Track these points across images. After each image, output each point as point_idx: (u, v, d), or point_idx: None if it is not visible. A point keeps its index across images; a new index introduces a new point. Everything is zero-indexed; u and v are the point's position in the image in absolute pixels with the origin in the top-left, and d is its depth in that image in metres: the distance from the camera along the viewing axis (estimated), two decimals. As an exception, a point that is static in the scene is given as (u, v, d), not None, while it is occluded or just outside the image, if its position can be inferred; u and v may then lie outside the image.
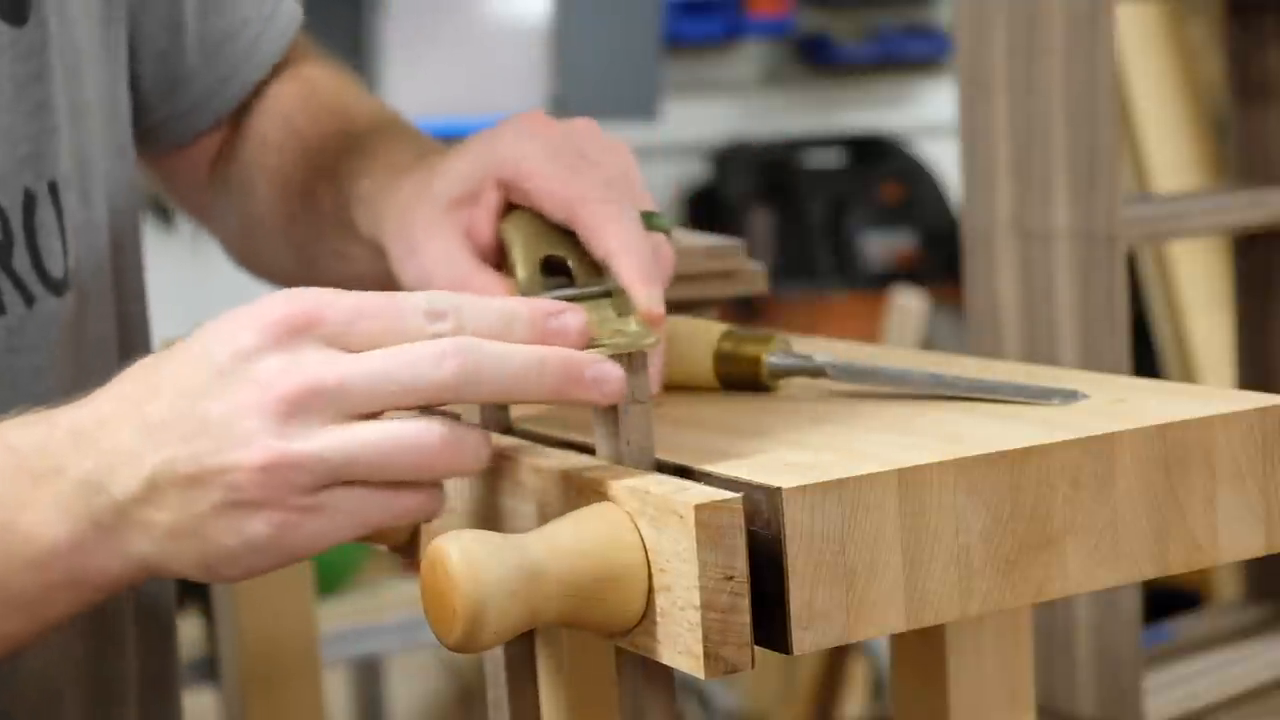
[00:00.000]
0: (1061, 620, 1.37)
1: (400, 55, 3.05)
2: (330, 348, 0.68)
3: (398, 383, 0.67)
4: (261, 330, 0.67)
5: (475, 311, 0.69)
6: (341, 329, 0.68)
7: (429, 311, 0.69)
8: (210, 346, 0.68)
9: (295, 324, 0.67)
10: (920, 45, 4.00)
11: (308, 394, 0.66)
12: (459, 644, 0.66)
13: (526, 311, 0.70)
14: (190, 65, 1.06)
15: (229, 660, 1.30)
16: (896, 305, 2.70)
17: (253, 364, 0.67)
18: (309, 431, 0.67)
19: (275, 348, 0.67)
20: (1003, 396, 0.79)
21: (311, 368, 0.67)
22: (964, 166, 1.41)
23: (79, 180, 0.95)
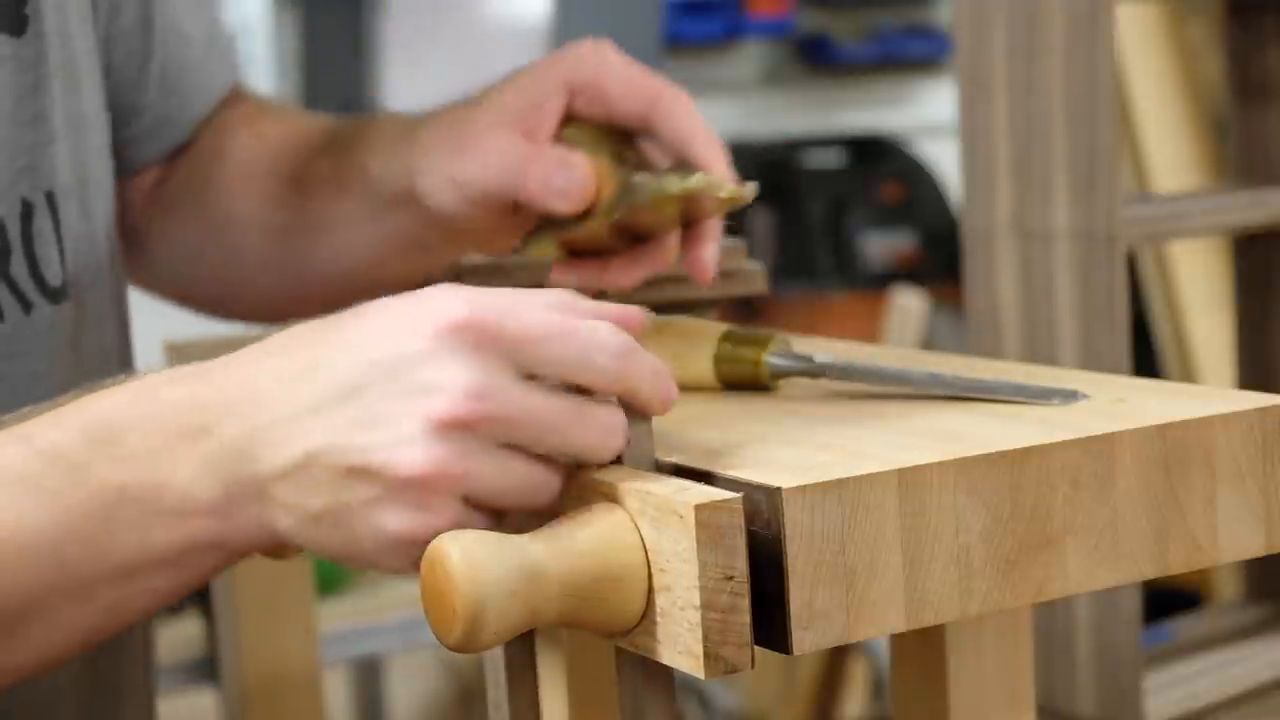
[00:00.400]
0: (1061, 620, 1.37)
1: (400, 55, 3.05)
2: (511, 366, 0.67)
3: (563, 439, 0.68)
4: (435, 334, 0.67)
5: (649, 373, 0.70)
6: (525, 350, 0.67)
7: (623, 353, 0.69)
8: (380, 341, 0.67)
9: (474, 334, 0.67)
10: (920, 45, 4.00)
11: (482, 418, 0.66)
12: (459, 644, 0.66)
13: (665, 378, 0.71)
14: (149, 95, 1.06)
15: (229, 660, 1.30)
16: (896, 305, 2.70)
17: (427, 369, 0.66)
18: (472, 450, 0.67)
19: (453, 356, 0.66)
20: (1003, 396, 0.79)
21: (490, 392, 0.66)
22: (964, 166, 1.41)
23: (79, 192, 0.95)
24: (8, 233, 0.90)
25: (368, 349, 0.68)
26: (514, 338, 0.67)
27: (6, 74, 0.91)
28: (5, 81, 0.90)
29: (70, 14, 0.96)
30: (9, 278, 0.90)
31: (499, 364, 0.67)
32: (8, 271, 0.90)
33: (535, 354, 0.67)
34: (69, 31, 0.95)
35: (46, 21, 0.93)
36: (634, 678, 0.72)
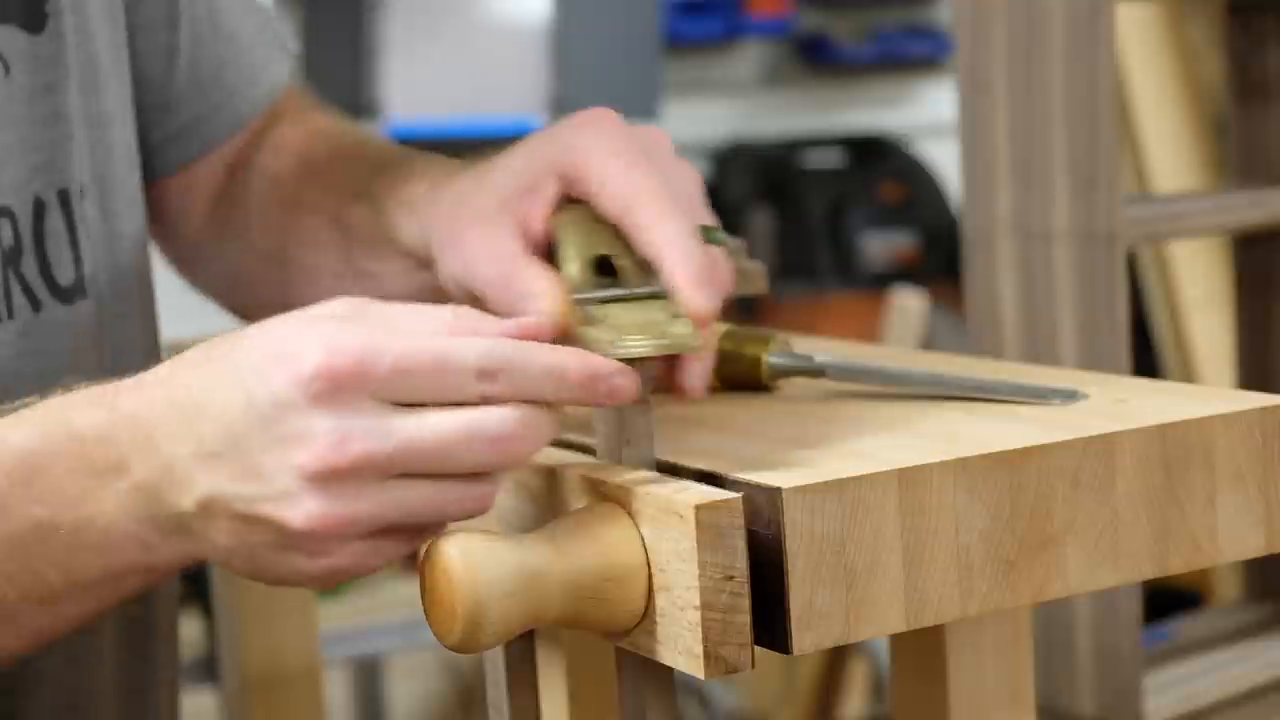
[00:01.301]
0: (1061, 620, 1.37)
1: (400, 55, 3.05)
2: (379, 405, 0.67)
3: (445, 459, 0.68)
4: (304, 386, 0.67)
5: (524, 372, 0.69)
6: (388, 385, 0.67)
7: (480, 371, 0.68)
8: (252, 387, 0.68)
9: (340, 381, 0.67)
10: (920, 45, 3.99)
11: (355, 464, 0.67)
12: (459, 644, 0.66)
13: (576, 370, 0.70)
14: (178, 91, 1.04)
15: (229, 660, 1.30)
16: (896, 305, 2.70)
17: (298, 419, 0.67)
18: (358, 493, 0.67)
19: (320, 407, 0.67)
20: (1003, 396, 0.79)
21: (360, 438, 0.67)
22: (964, 166, 1.41)
23: (98, 192, 0.95)
24: (19, 230, 0.89)
25: (245, 390, 0.68)
26: (377, 376, 0.67)
27: (23, 71, 0.90)
28: (22, 79, 0.90)
29: (91, 12, 0.95)
30: (20, 275, 0.90)
31: (365, 403, 0.67)
32: (19, 269, 0.90)
33: (400, 386, 0.67)
34: (89, 30, 0.95)
35: (65, 20, 0.92)
36: (634, 678, 0.72)
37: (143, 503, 0.70)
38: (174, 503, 0.70)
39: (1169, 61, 2.80)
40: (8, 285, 0.89)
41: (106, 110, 0.96)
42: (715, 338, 0.78)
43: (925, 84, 4.05)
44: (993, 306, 1.40)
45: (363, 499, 0.67)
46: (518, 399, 0.69)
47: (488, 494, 0.70)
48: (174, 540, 0.71)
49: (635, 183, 0.80)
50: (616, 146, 0.82)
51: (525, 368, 0.69)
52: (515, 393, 0.69)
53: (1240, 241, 1.55)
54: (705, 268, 0.77)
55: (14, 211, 0.89)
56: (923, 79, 4.06)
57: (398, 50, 3.06)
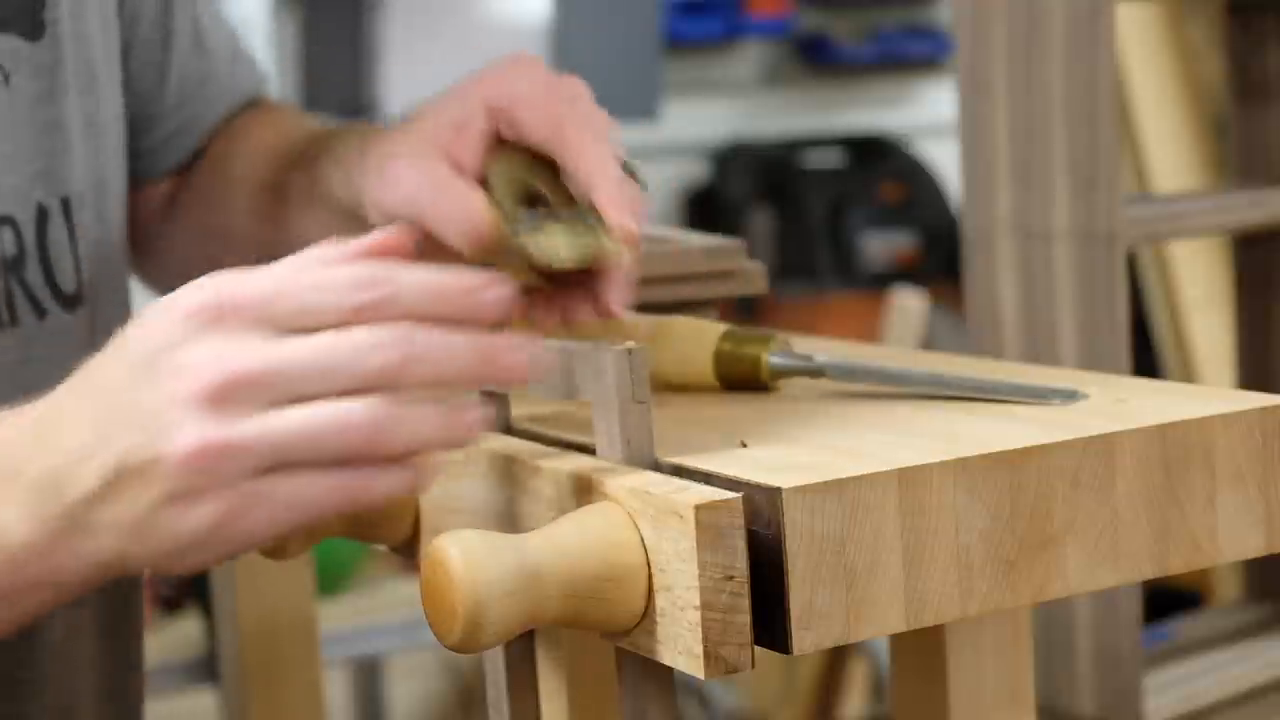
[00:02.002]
0: (1061, 620, 1.37)
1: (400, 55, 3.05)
2: (257, 330, 0.67)
3: (324, 371, 0.66)
4: (178, 321, 0.67)
5: (406, 284, 0.68)
6: (262, 310, 0.67)
7: (356, 283, 0.67)
8: (131, 341, 0.68)
9: (212, 311, 0.67)
10: (920, 45, 4.00)
11: (235, 382, 0.65)
12: (459, 644, 0.66)
13: (456, 285, 0.69)
14: (166, 106, 1.06)
15: (229, 659, 1.30)
16: (896, 305, 2.70)
17: (176, 354, 0.66)
18: (239, 418, 0.65)
19: (197, 336, 0.66)
20: (1003, 396, 0.79)
21: (236, 356, 0.66)
22: (964, 166, 1.41)
23: (95, 198, 0.95)
24: (23, 238, 0.90)
25: (124, 352, 0.68)
26: (249, 303, 0.67)
27: (23, 79, 0.90)
28: (22, 86, 0.90)
29: (88, 18, 0.95)
30: (24, 283, 0.90)
31: (245, 330, 0.66)
32: (23, 277, 0.90)
33: (274, 311, 0.67)
34: (87, 36, 0.95)
35: (63, 26, 0.93)
36: (634, 678, 0.72)
37: (36, 501, 0.69)
38: (70, 491, 0.68)
39: (1169, 61, 2.80)
40: (10, 293, 0.89)
41: (102, 117, 0.96)
42: (638, 256, 0.81)
43: (925, 84, 4.06)
44: (993, 306, 1.40)
45: (241, 424, 0.65)
46: (399, 316, 0.67)
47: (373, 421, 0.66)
48: (70, 542, 0.69)
49: (561, 113, 0.83)
50: (543, 85, 0.85)
51: (403, 281, 0.68)
52: (393, 304, 0.67)
53: (1240, 241, 1.55)
54: (631, 194, 0.80)
55: (16, 219, 0.89)
56: (923, 79, 4.06)
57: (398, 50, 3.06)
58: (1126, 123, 2.72)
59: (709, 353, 0.87)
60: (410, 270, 0.68)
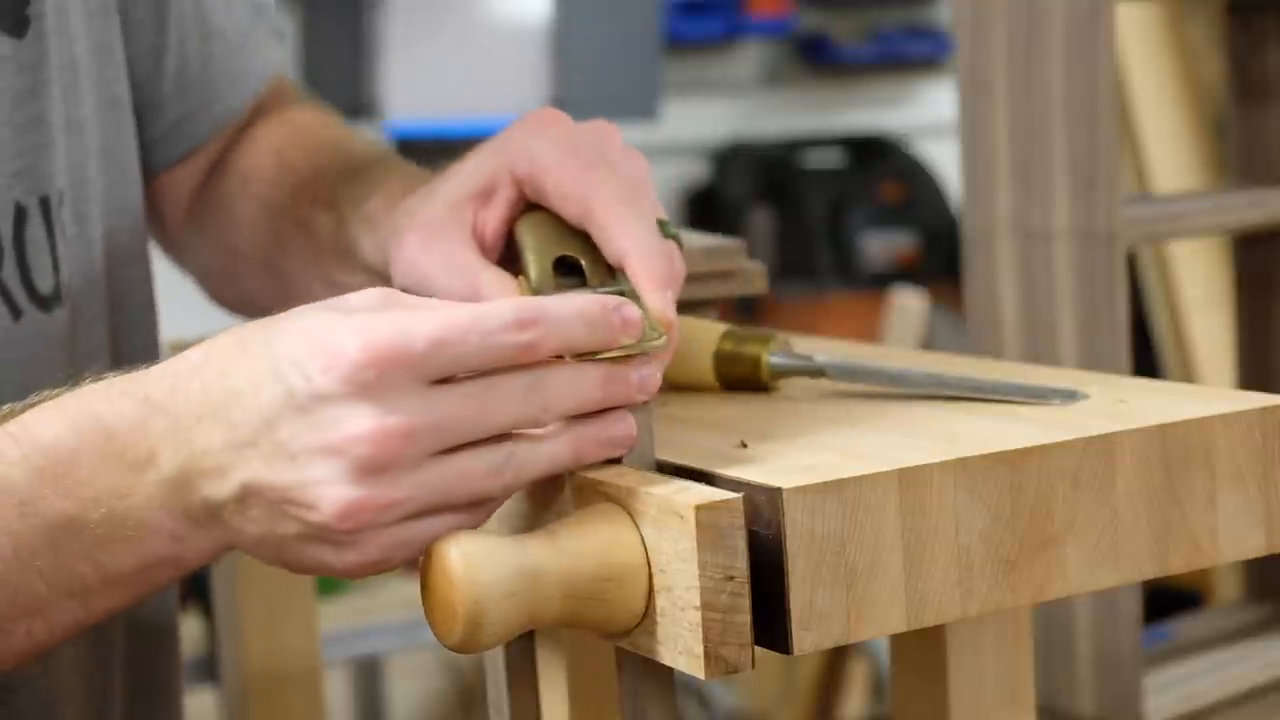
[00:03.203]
0: (1061, 620, 1.37)
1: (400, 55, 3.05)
2: (415, 384, 0.67)
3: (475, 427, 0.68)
4: (340, 379, 0.67)
5: (558, 316, 0.69)
6: (425, 364, 0.67)
7: (518, 322, 0.68)
8: (291, 380, 0.68)
9: (375, 370, 0.67)
10: (920, 45, 4.00)
11: (389, 446, 0.67)
12: (459, 644, 0.66)
13: (598, 311, 0.70)
14: (165, 92, 1.05)
15: (229, 660, 1.30)
16: (896, 305, 2.70)
17: (334, 409, 0.67)
18: (392, 478, 0.67)
19: (357, 396, 0.67)
20: (1003, 396, 0.79)
21: (393, 421, 0.67)
22: (964, 166, 1.41)
23: (74, 197, 0.94)
24: (0, 237, 0.89)
25: (284, 383, 0.68)
26: (412, 360, 0.67)
27: (6, 76, 0.89)
28: (5, 84, 0.89)
29: (71, 13, 0.94)
30: (0, 283, 0.89)
31: (403, 388, 0.67)
32: None
33: (439, 361, 0.68)
34: (70, 32, 0.94)
35: (48, 22, 0.92)
36: (634, 678, 0.72)
37: (173, 494, 0.70)
38: (206, 493, 0.69)
39: (1169, 61, 2.80)
40: None
41: (84, 115, 0.95)
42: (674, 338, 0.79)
43: (925, 84, 4.06)
44: (993, 306, 1.40)
45: (397, 485, 0.67)
46: (555, 348, 0.69)
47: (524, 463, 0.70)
48: (204, 531, 0.71)
49: (591, 184, 0.82)
50: (570, 148, 0.83)
51: (557, 314, 0.69)
52: (551, 337, 0.69)
53: (1240, 241, 1.55)
54: (666, 268, 0.79)
55: None
56: (923, 79, 4.06)
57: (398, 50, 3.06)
58: (1126, 123, 2.72)
59: (709, 353, 0.87)
60: (562, 302, 0.70)
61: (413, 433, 0.67)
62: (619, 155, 0.85)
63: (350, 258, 0.95)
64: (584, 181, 0.82)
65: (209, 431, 0.69)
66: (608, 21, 3.26)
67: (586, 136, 0.84)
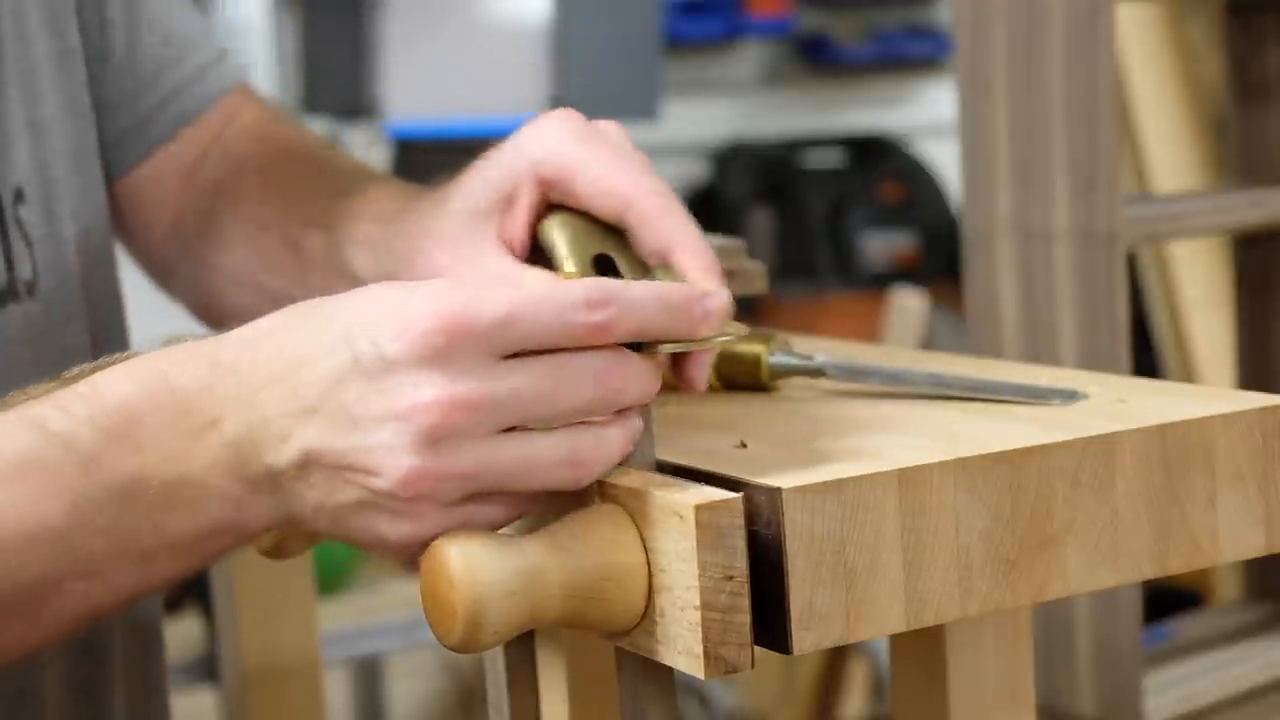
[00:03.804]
0: (1061, 620, 1.37)
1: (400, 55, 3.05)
2: (485, 357, 0.67)
3: (543, 405, 0.68)
4: (410, 342, 0.66)
5: (633, 297, 0.68)
6: (495, 336, 0.67)
7: (589, 301, 0.67)
8: (359, 345, 0.67)
9: (445, 337, 0.66)
10: (920, 45, 4.00)
11: (456, 418, 0.66)
12: (459, 644, 0.66)
13: (681, 298, 0.70)
14: (117, 93, 1.04)
15: (229, 660, 1.30)
16: (896, 305, 2.70)
17: (403, 375, 0.66)
18: (456, 449, 0.67)
19: (426, 364, 0.66)
20: (1003, 396, 0.79)
21: (461, 392, 0.66)
22: (964, 166, 1.41)
23: (42, 196, 0.94)
24: None
25: (351, 348, 0.68)
26: (483, 332, 0.67)
27: None
28: None
29: (29, 20, 0.95)
30: None
31: (473, 359, 0.67)
32: None
33: (510, 335, 0.67)
34: (27, 36, 0.95)
35: (3, 25, 0.92)
36: (634, 678, 0.72)
37: (237, 458, 0.70)
38: (268, 459, 0.69)
39: (1169, 61, 2.80)
40: None
41: (45, 116, 0.95)
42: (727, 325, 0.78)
43: (925, 84, 4.06)
44: (993, 306, 1.40)
45: (462, 454, 0.67)
46: (629, 331, 0.68)
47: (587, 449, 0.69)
48: (265, 497, 0.70)
49: (627, 180, 0.81)
50: (594, 147, 0.83)
51: (632, 294, 0.68)
52: (626, 319, 0.68)
53: (1240, 241, 1.55)
54: (715, 259, 0.79)
55: None
56: (923, 79, 4.06)
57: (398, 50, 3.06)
58: (1126, 123, 2.72)
59: (709, 353, 0.87)
60: (638, 284, 0.69)
61: (480, 404, 0.66)
62: (634, 151, 0.84)
63: (344, 274, 0.94)
64: (620, 176, 0.81)
65: (273, 397, 0.69)
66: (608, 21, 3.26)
67: (604, 135, 0.84)
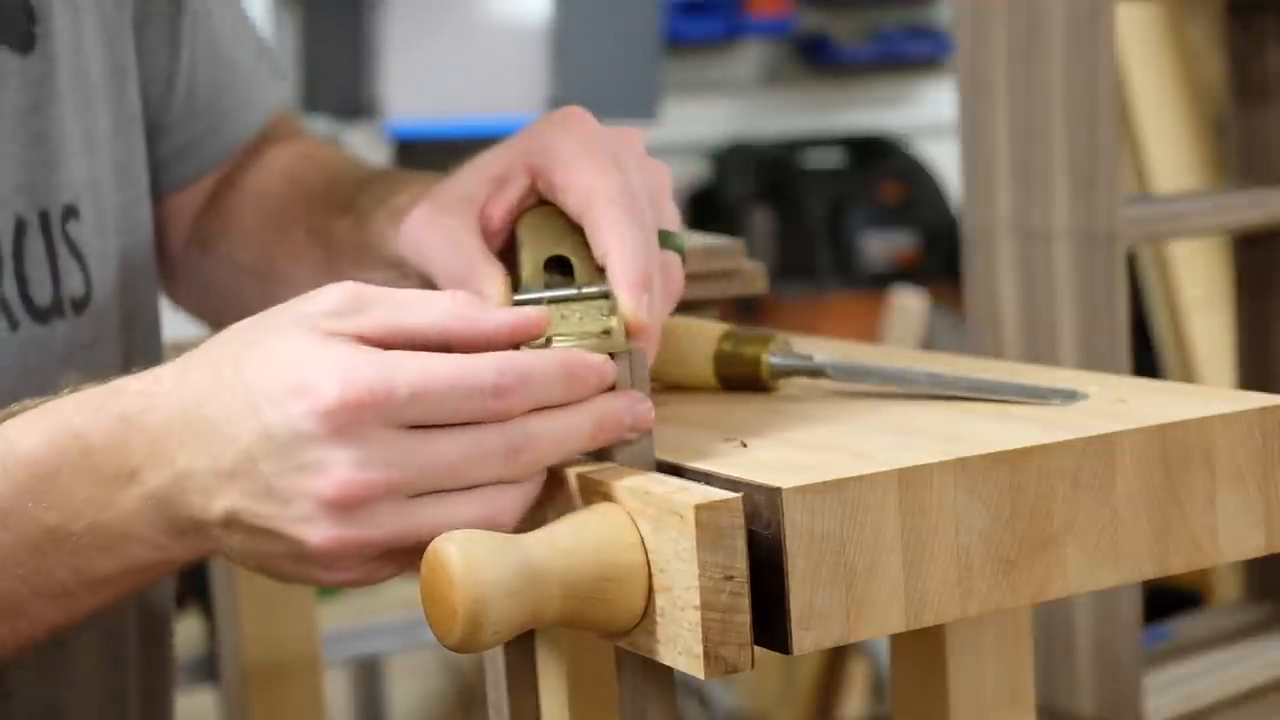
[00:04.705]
0: (1061, 620, 1.37)
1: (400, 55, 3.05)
2: (394, 431, 0.68)
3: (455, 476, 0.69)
4: (321, 419, 0.67)
5: (540, 381, 0.70)
6: (403, 413, 0.68)
7: (496, 389, 0.69)
8: (268, 417, 0.68)
9: (357, 413, 0.67)
10: (920, 45, 4.00)
11: (368, 492, 0.68)
12: (459, 644, 0.66)
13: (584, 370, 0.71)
14: (176, 114, 1.06)
15: (229, 660, 1.30)
16: (896, 305, 2.70)
17: (316, 450, 0.68)
18: (372, 518, 0.68)
19: (337, 439, 0.67)
20: (1003, 396, 0.79)
21: (371, 467, 0.68)
22: (964, 166, 1.41)
23: (95, 212, 0.95)
24: (0, 250, 0.89)
25: (260, 419, 0.68)
26: (391, 406, 0.68)
27: (11, 90, 0.91)
28: (9, 98, 0.90)
29: (86, 32, 0.95)
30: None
31: (381, 431, 0.68)
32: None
33: (419, 411, 0.68)
34: (84, 52, 0.95)
35: (58, 41, 0.93)
36: (634, 678, 0.72)
37: (159, 508, 0.71)
38: (193, 511, 0.71)
39: (1169, 61, 2.80)
40: None
41: (99, 132, 0.96)
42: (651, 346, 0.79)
43: (925, 84, 4.06)
44: (993, 306, 1.40)
45: (379, 523, 0.69)
46: (534, 405, 0.70)
47: (503, 509, 0.70)
48: (189, 540, 0.72)
49: (596, 184, 0.82)
50: (586, 146, 0.83)
51: (540, 377, 0.70)
52: (530, 399, 0.70)
53: (1240, 241, 1.55)
54: (648, 272, 0.79)
55: None
56: (923, 79, 4.06)
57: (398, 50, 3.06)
58: (1126, 123, 2.72)
59: (709, 353, 0.87)
60: (546, 361, 0.70)
61: (390, 482, 0.68)
62: (636, 161, 0.85)
63: (371, 253, 0.95)
64: (589, 178, 0.82)
65: (191, 456, 0.70)
66: (608, 21, 3.25)
67: (606, 138, 0.84)
